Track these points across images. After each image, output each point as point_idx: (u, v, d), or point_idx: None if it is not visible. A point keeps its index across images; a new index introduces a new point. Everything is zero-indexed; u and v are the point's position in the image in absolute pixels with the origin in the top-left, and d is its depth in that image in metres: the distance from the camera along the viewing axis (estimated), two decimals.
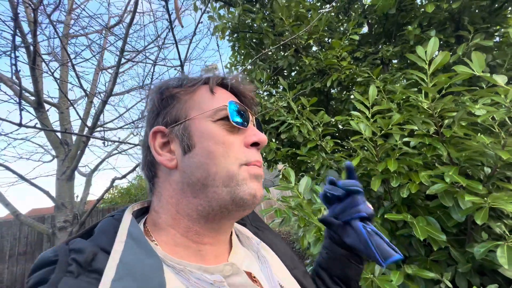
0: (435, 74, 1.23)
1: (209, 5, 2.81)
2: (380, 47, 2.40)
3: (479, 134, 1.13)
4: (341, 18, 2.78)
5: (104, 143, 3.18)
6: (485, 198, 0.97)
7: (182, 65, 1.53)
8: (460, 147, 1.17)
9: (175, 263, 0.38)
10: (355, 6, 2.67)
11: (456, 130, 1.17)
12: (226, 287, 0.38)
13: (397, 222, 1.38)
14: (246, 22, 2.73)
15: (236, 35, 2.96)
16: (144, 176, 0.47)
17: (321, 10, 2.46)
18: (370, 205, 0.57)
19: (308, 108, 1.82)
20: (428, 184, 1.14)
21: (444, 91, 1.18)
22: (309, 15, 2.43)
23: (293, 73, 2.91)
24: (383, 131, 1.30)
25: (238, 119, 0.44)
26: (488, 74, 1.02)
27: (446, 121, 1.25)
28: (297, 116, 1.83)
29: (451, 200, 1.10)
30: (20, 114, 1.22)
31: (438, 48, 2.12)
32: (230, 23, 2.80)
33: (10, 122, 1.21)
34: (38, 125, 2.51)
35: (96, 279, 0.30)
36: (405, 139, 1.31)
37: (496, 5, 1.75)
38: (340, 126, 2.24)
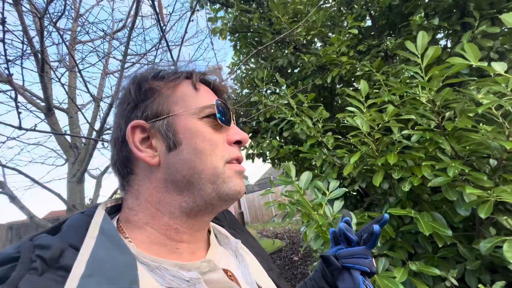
0: (431, 66, 1.19)
1: (208, 7, 2.82)
2: (384, 39, 2.34)
3: (481, 124, 1.08)
4: (344, 12, 2.73)
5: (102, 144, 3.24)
6: (489, 191, 0.92)
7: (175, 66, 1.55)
8: (463, 140, 1.12)
9: (149, 260, 0.37)
10: None
11: (459, 123, 1.12)
12: (203, 284, 0.37)
13: (404, 218, 1.34)
14: (244, 22, 2.72)
15: (237, 34, 2.96)
16: (116, 173, 0.45)
17: (319, 4, 2.42)
18: (374, 263, 0.57)
19: (306, 104, 1.80)
20: (430, 177, 1.10)
21: (441, 83, 1.14)
22: (307, 11, 2.39)
23: (295, 71, 2.88)
24: (380, 125, 1.27)
25: (224, 118, 0.45)
26: (486, 64, 0.97)
27: (447, 114, 1.20)
28: (296, 113, 1.81)
29: (455, 193, 1.06)
30: (18, 118, 1.26)
31: (446, 36, 2.04)
32: (229, 24, 2.80)
33: (11, 125, 1.26)
34: (45, 130, 2.60)
35: (62, 276, 0.29)
36: (405, 132, 1.27)
37: None
38: (345, 122, 2.20)
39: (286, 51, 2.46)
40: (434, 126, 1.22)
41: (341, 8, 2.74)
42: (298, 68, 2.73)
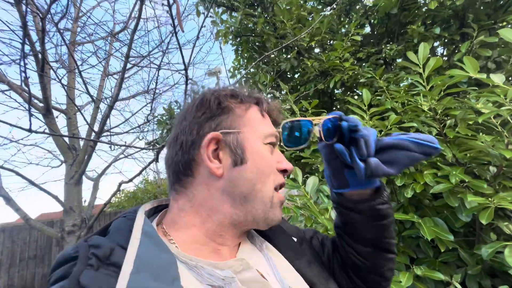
0: (433, 76, 1.23)
1: (212, 10, 2.85)
2: (383, 47, 2.39)
3: (480, 133, 1.11)
4: (342, 20, 2.78)
5: (110, 147, 3.23)
6: (490, 198, 0.95)
7: (186, 69, 1.56)
8: (464, 147, 1.15)
9: (187, 259, 0.39)
10: (357, 7, 2.67)
11: (460, 131, 1.16)
12: (237, 282, 0.39)
13: (405, 223, 1.36)
14: (248, 26, 2.75)
15: (239, 39, 2.99)
16: (172, 172, 0.47)
17: (322, 13, 2.47)
18: None
19: (310, 111, 1.83)
20: (432, 184, 1.13)
21: (442, 92, 1.17)
22: (310, 18, 2.43)
23: (296, 75, 2.92)
24: (382, 132, 1.29)
25: (284, 146, 0.49)
26: (485, 75, 1.01)
27: (448, 122, 1.23)
28: None
29: (457, 200, 1.08)
30: (30, 120, 1.25)
31: (443, 45, 2.10)
32: (232, 28, 2.83)
33: (21, 128, 1.25)
34: (47, 131, 2.57)
35: (114, 272, 0.32)
36: None
37: (502, 2, 1.73)
38: None
39: (290, 56, 2.49)
40: (435, 133, 1.25)
41: (341, 17, 2.80)
42: (299, 73, 2.77)
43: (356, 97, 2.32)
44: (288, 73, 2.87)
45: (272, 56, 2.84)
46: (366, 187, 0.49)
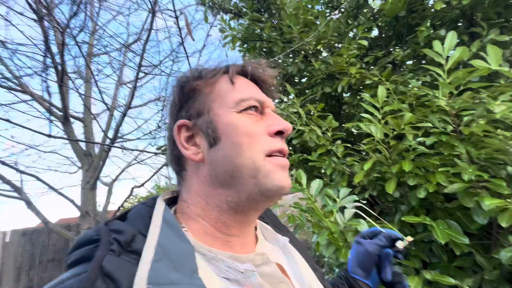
0: (451, 71, 1.20)
1: (219, 17, 2.93)
2: (391, 50, 2.37)
3: (498, 130, 1.07)
4: (350, 23, 2.79)
5: (123, 151, 3.34)
6: (509, 200, 0.92)
7: None
8: (480, 145, 1.11)
9: (205, 250, 0.39)
10: (364, 10, 2.67)
11: (475, 128, 1.12)
12: (257, 276, 0.38)
13: (416, 227, 1.33)
14: (255, 31, 2.81)
15: (246, 45, 3.05)
16: (172, 169, 0.49)
17: (329, 16, 2.49)
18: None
19: (315, 114, 1.83)
20: (445, 184, 1.10)
21: (462, 87, 1.14)
22: (318, 22, 2.46)
23: (303, 79, 2.93)
24: (395, 132, 1.27)
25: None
26: (507, 68, 0.98)
27: (465, 119, 1.20)
28: (306, 122, 1.84)
29: (472, 201, 1.05)
30: (49, 127, 1.33)
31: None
32: (240, 34, 2.89)
33: (41, 133, 1.33)
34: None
35: (135, 259, 0.32)
36: (420, 139, 1.27)
37: None
38: (354, 130, 2.21)
39: (297, 59, 2.52)
40: (450, 130, 1.22)
41: (348, 20, 2.81)
42: (306, 77, 2.78)
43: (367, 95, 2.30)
44: (295, 77, 2.89)
45: (280, 60, 2.88)
46: (375, 286, 0.61)
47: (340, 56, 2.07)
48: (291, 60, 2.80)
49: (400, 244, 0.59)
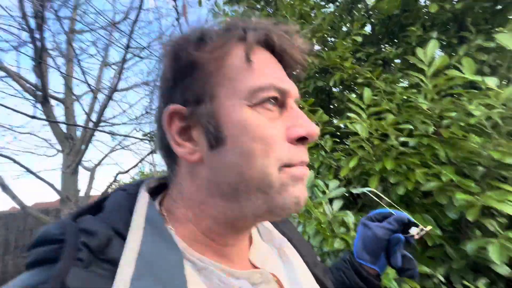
0: (435, 75, 1.27)
1: (214, 2, 2.83)
2: (383, 47, 2.41)
3: (472, 134, 1.16)
4: (344, 17, 2.79)
5: (112, 137, 3.23)
6: (477, 197, 1.00)
7: None
8: (457, 147, 1.20)
9: (196, 258, 0.33)
10: (359, 6, 2.68)
11: (454, 131, 1.20)
12: None
13: None
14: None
15: None
16: (162, 158, 0.39)
17: (324, 10, 2.48)
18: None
19: (306, 109, 1.86)
20: (423, 182, 1.18)
21: (443, 92, 1.21)
22: (313, 14, 2.44)
23: None
24: (379, 131, 1.34)
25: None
26: (480, 78, 1.06)
27: (445, 122, 1.28)
28: None
29: (446, 198, 1.13)
30: (35, 106, 1.25)
31: (441, 48, 2.14)
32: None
33: (24, 114, 1.25)
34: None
35: (110, 271, 0.26)
36: (403, 139, 1.34)
37: (499, 7, 1.76)
38: (342, 126, 2.27)
39: None
40: (431, 132, 1.30)
41: (342, 15, 2.81)
42: None
43: (353, 95, 2.35)
44: None
45: None
46: (382, 270, 0.57)
47: (334, 50, 2.09)
48: None
49: (414, 231, 0.53)
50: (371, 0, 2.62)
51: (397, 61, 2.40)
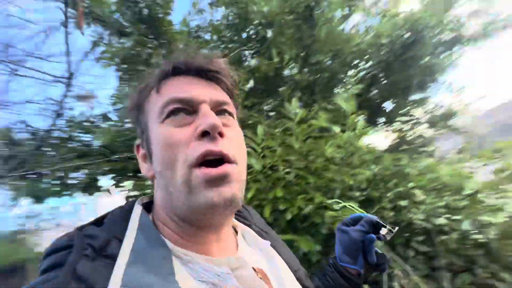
0: (300, 123, 1.69)
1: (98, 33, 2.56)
2: (263, 100, 2.96)
3: (331, 165, 1.58)
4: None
5: None
6: (339, 212, 1.32)
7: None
8: (322, 176, 1.57)
9: (182, 253, 0.38)
10: (244, 64, 3.23)
11: (318, 164, 1.59)
12: (233, 279, 0.38)
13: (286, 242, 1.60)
14: (140, 56, 2.64)
15: (125, 65, 2.77)
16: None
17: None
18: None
19: None
20: (304, 206, 1.43)
21: (308, 134, 1.61)
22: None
23: None
24: (270, 163, 1.56)
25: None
26: (333, 126, 1.51)
27: (311, 157, 1.67)
28: None
29: (319, 217, 1.42)
30: None
31: (301, 106, 2.87)
32: (120, 53, 2.61)
33: None
34: None
35: (110, 263, 0.32)
36: (288, 170, 1.62)
37: (334, 81, 2.64)
38: None
39: None
40: (303, 166, 1.64)
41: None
42: None
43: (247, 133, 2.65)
44: None
45: None
46: (361, 269, 0.61)
47: None
48: None
49: (383, 232, 0.59)
50: (253, 63, 3.24)
51: (273, 113, 3.00)
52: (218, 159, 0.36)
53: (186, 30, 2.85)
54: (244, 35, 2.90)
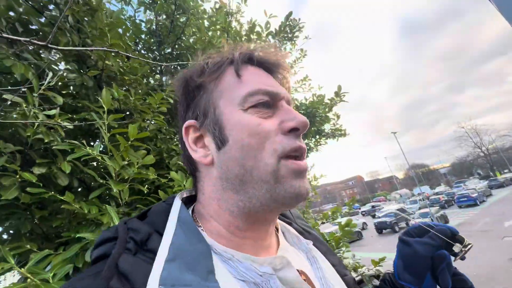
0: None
1: None
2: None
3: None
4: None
5: None
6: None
7: None
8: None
9: (222, 251, 0.37)
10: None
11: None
12: (276, 280, 0.36)
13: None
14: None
15: None
16: (187, 169, 0.46)
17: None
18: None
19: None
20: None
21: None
22: None
23: None
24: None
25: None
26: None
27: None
28: None
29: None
30: None
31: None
32: None
33: None
34: None
35: (151, 258, 0.32)
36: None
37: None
38: None
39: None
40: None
41: None
42: None
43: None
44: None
45: None
46: None
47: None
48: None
49: (457, 249, 0.46)
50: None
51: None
52: (299, 155, 0.39)
53: None
54: None
